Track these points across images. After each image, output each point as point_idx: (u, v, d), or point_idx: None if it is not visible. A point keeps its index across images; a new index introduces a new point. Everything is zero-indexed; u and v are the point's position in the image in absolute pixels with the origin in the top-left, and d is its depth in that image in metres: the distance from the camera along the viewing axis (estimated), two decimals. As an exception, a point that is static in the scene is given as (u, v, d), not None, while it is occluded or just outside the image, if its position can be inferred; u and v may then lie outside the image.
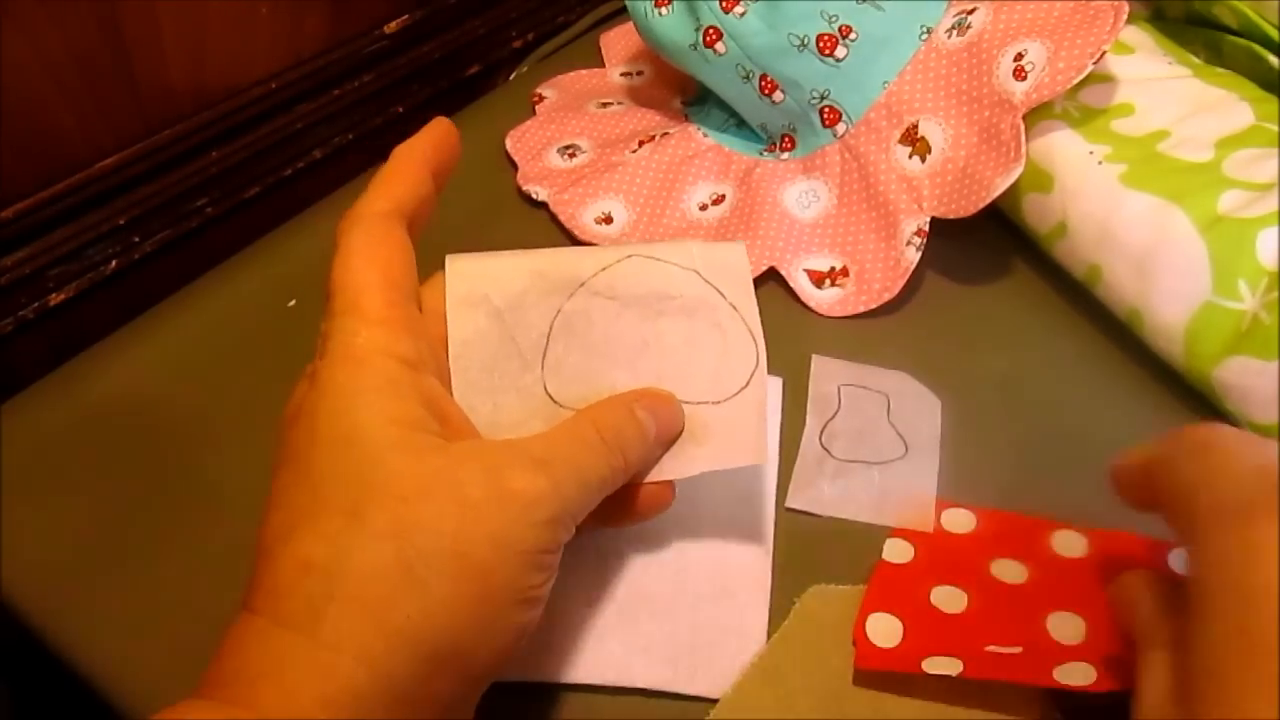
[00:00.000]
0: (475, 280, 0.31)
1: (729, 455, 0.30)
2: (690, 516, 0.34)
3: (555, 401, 0.30)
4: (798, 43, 0.42)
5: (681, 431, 0.30)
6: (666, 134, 0.48)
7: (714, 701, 0.30)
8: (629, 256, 0.32)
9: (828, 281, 0.42)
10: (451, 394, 0.29)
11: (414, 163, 0.30)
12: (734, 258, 0.32)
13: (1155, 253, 0.36)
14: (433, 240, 0.31)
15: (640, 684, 0.31)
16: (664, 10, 0.44)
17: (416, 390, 0.26)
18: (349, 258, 0.27)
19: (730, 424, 0.31)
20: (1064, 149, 0.40)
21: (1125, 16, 0.38)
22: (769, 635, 0.32)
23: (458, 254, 0.31)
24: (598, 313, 0.31)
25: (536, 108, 0.52)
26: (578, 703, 0.31)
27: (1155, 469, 0.26)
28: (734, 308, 0.32)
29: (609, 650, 0.31)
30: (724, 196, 0.45)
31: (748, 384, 0.31)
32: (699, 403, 0.31)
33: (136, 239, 0.49)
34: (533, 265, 0.31)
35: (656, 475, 0.30)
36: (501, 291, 0.31)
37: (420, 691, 0.24)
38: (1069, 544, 0.33)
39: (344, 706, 0.23)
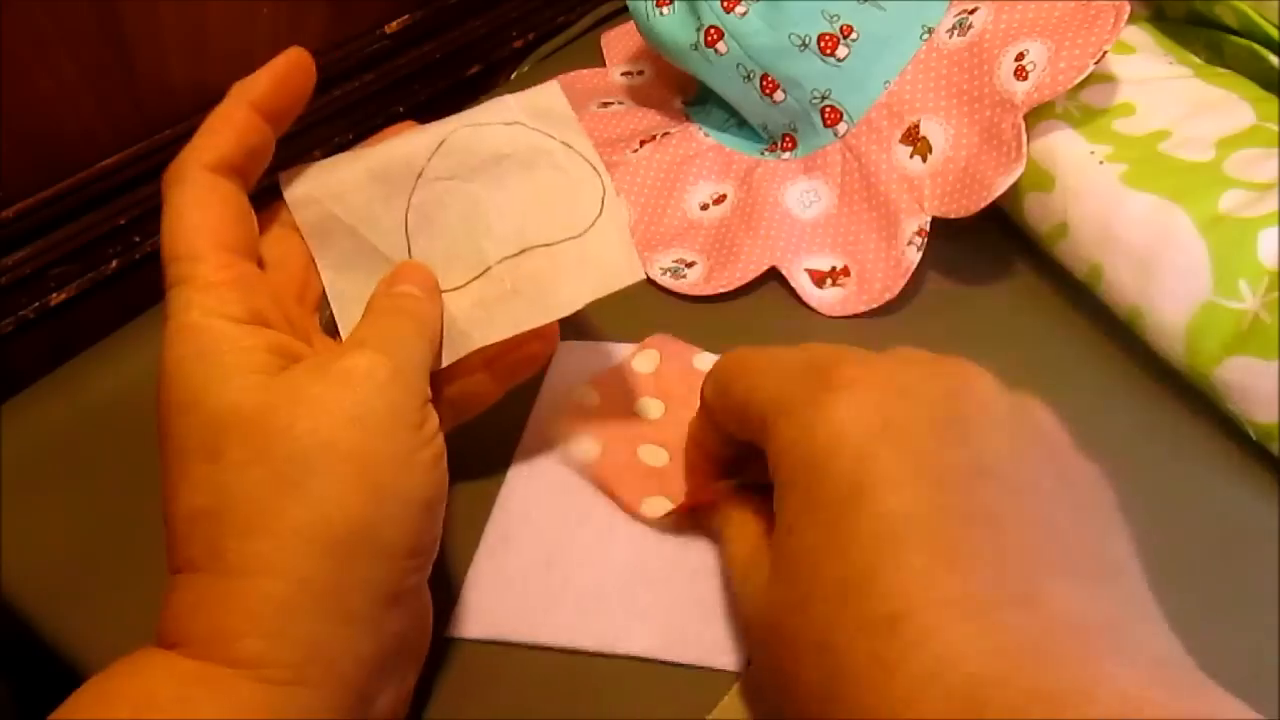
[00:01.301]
0: (318, 202, 0.32)
1: (607, 280, 0.31)
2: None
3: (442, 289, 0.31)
4: (799, 42, 0.42)
5: (433, 278, 0.31)
6: (667, 134, 0.48)
7: (707, 669, 0.31)
8: (453, 131, 0.32)
9: (829, 281, 0.42)
10: (308, 336, 0.30)
11: (242, 108, 0.29)
12: (552, 100, 0.33)
13: (1156, 252, 0.36)
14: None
15: (635, 651, 0.31)
16: (665, 10, 0.44)
17: (255, 341, 0.27)
18: (176, 221, 0.28)
19: (599, 251, 0.31)
20: (1065, 149, 0.40)
21: (1126, 16, 0.38)
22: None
23: (290, 173, 0.32)
24: (445, 195, 0.32)
25: (537, 107, 0.52)
26: (573, 667, 0.31)
27: (714, 410, 0.29)
28: (567, 145, 0.32)
29: (606, 617, 0.32)
30: (725, 196, 0.45)
31: (601, 211, 0.32)
32: (564, 240, 0.32)
33: (137, 239, 0.49)
34: (367, 168, 0.32)
35: (545, 315, 0.31)
36: (347, 207, 0.32)
37: (341, 583, 0.24)
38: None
39: (266, 617, 0.24)
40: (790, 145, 0.46)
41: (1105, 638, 0.21)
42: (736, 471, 0.32)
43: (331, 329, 0.32)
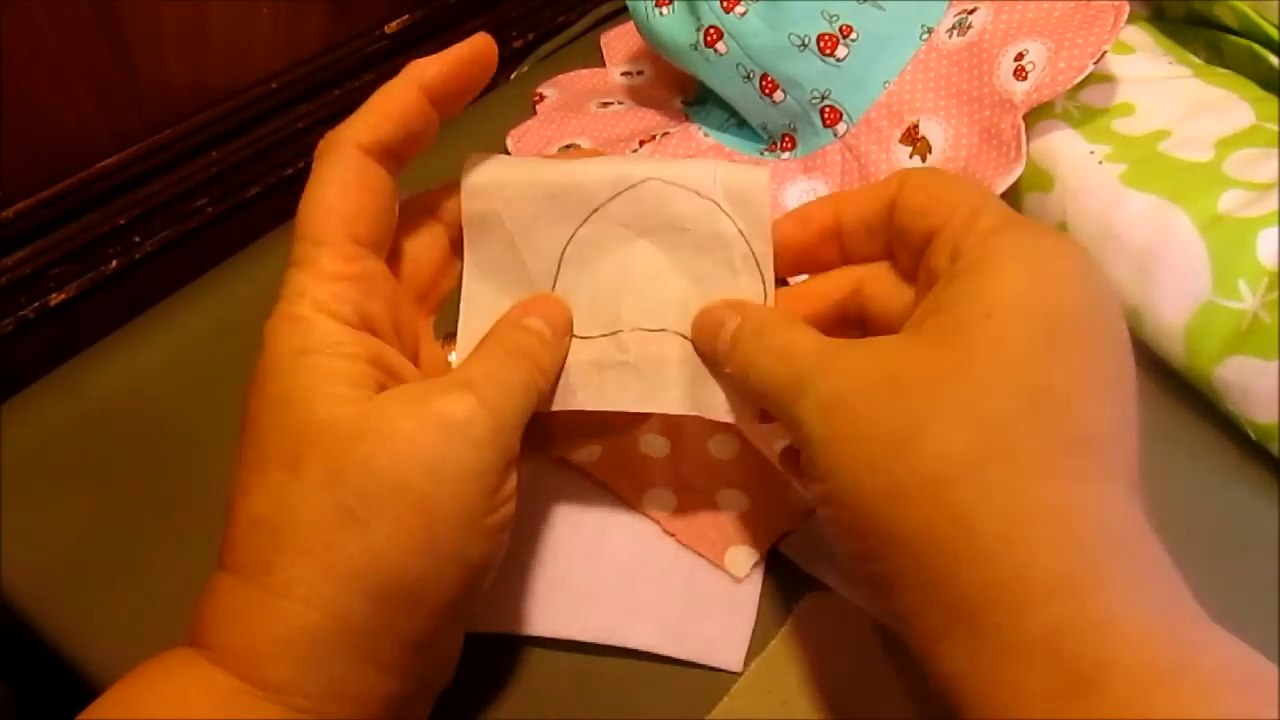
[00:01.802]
0: (490, 198, 0.30)
1: (710, 405, 0.29)
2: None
3: None
4: (798, 42, 0.42)
5: (569, 322, 0.30)
6: (667, 133, 0.48)
7: (701, 667, 0.31)
8: (644, 181, 0.30)
9: (828, 281, 0.42)
10: (416, 343, 0.30)
11: (411, 90, 0.28)
12: (755, 190, 0.30)
13: (1155, 252, 0.36)
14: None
15: (631, 644, 0.31)
16: (665, 10, 0.44)
17: (358, 350, 0.26)
18: (315, 197, 0.27)
19: (706, 373, 0.30)
20: (1064, 149, 0.40)
21: (1126, 16, 0.38)
22: (762, 626, 0.32)
23: (475, 158, 0.31)
24: (611, 240, 0.30)
25: (537, 107, 0.52)
26: (574, 666, 0.31)
27: (898, 208, 0.28)
28: (749, 249, 0.30)
29: (603, 610, 0.32)
30: (724, 196, 0.45)
31: None
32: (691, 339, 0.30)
33: (137, 239, 0.49)
34: (547, 184, 0.30)
35: (649, 403, 0.30)
36: (513, 213, 0.30)
37: (377, 628, 0.24)
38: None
39: (299, 645, 0.23)
40: (790, 145, 0.46)
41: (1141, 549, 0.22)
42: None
43: (449, 335, 0.31)
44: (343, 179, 0.27)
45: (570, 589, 0.32)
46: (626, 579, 0.33)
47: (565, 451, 0.35)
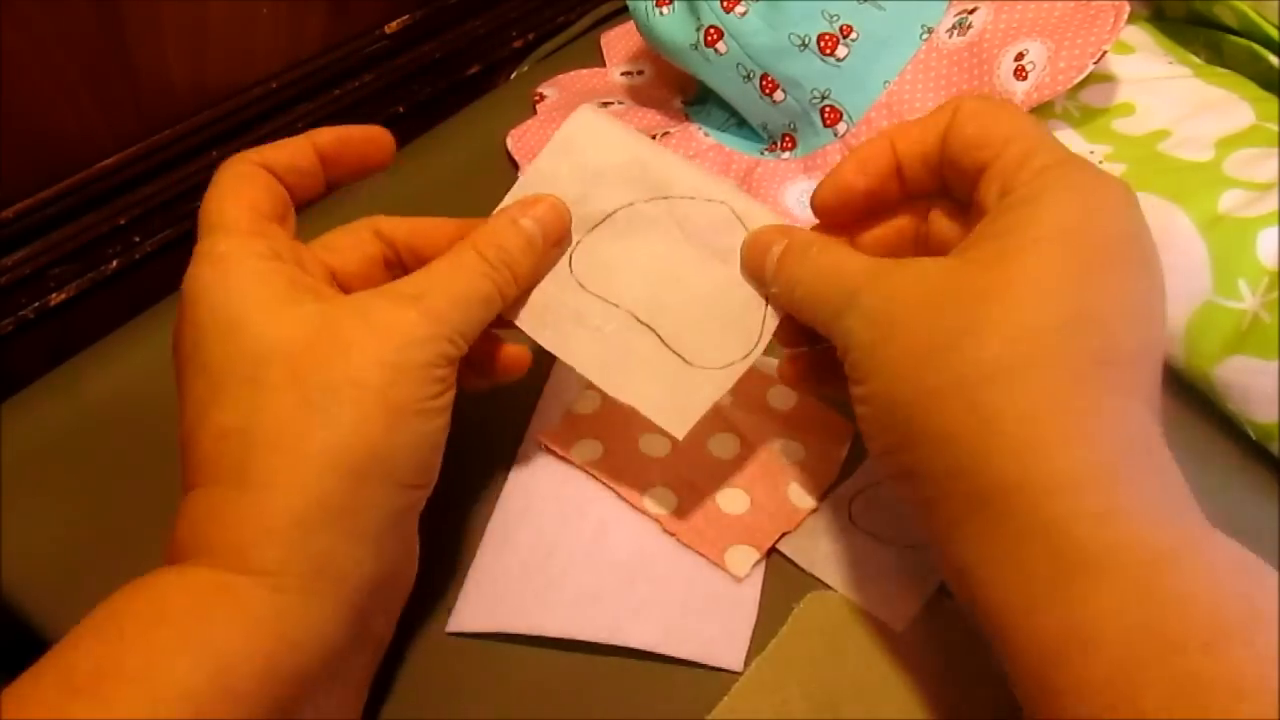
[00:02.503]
0: (587, 134, 0.33)
1: (663, 412, 0.31)
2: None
3: (571, 272, 0.32)
4: (799, 42, 0.42)
5: (566, 231, 0.32)
6: (667, 133, 0.48)
7: (702, 667, 0.31)
8: (720, 203, 0.32)
9: (828, 281, 0.42)
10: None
11: (304, 142, 0.32)
12: None
13: (1156, 252, 0.36)
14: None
15: (631, 644, 0.31)
16: (665, 10, 0.44)
17: (283, 274, 0.28)
18: (214, 194, 0.30)
19: (684, 388, 0.31)
20: (1065, 149, 0.40)
21: (1126, 16, 0.38)
22: (763, 627, 0.32)
23: (594, 108, 0.33)
24: (660, 228, 0.32)
25: (537, 107, 0.52)
26: (574, 666, 0.31)
27: (950, 140, 0.28)
28: (767, 310, 0.32)
29: (606, 610, 0.32)
30: (724, 196, 0.45)
31: (722, 368, 0.31)
32: (674, 351, 0.31)
33: (137, 239, 0.49)
34: (639, 152, 0.33)
35: (603, 381, 0.31)
36: (600, 156, 0.32)
37: (355, 503, 0.26)
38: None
39: (284, 529, 0.25)
40: (790, 145, 0.46)
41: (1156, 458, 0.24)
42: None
43: None
44: (238, 176, 0.30)
45: (571, 588, 0.32)
46: (627, 579, 0.33)
47: (566, 450, 0.35)
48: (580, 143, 0.33)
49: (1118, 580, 0.21)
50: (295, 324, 0.27)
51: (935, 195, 0.30)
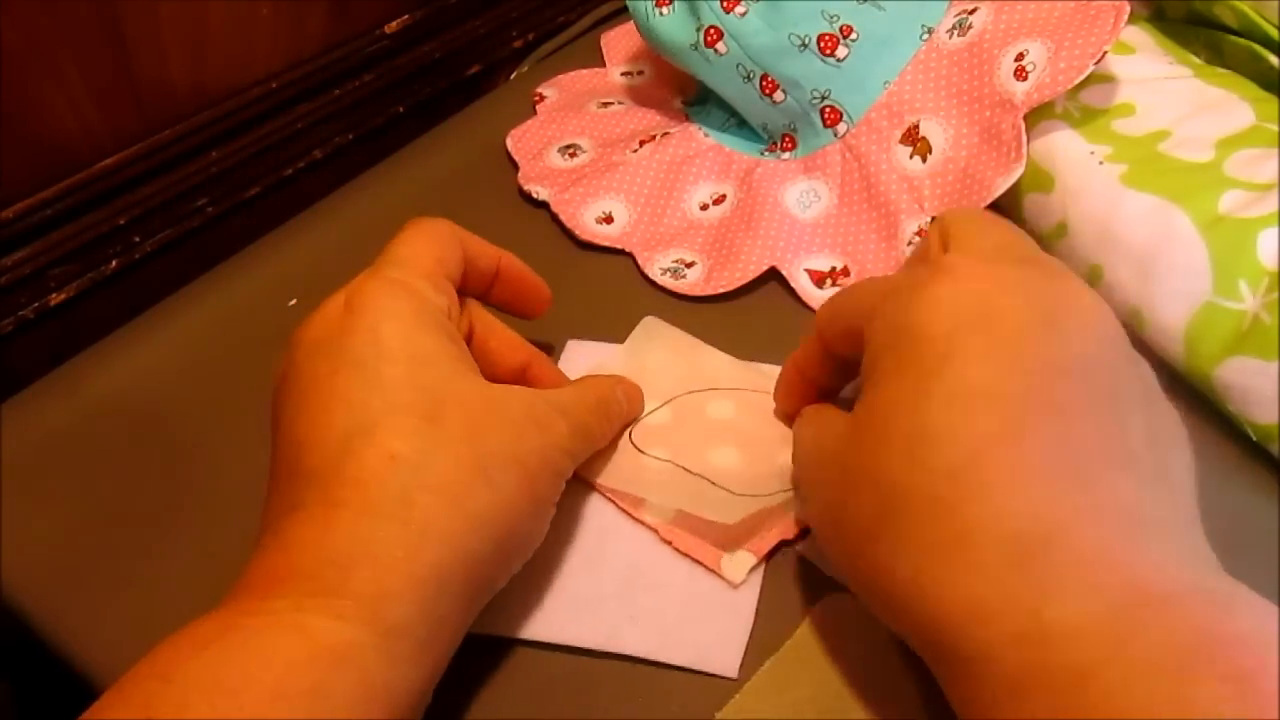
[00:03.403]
0: (649, 342, 0.40)
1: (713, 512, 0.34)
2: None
3: (631, 442, 0.36)
4: (799, 43, 0.42)
5: (635, 417, 0.36)
6: (667, 134, 0.48)
7: (696, 673, 0.31)
8: (753, 392, 0.38)
9: (829, 281, 0.42)
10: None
11: (497, 251, 0.35)
12: None
13: (1156, 253, 0.36)
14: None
15: (629, 651, 0.31)
16: (665, 10, 0.44)
17: (456, 334, 0.30)
18: (407, 238, 0.31)
19: (728, 509, 0.34)
20: (1065, 149, 0.40)
21: (1126, 17, 0.38)
22: (762, 632, 0.32)
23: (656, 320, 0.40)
24: (707, 409, 0.37)
25: (537, 107, 0.52)
26: (575, 667, 0.31)
27: (826, 326, 0.31)
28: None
29: (601, 617, 0.32)
30: (725, 196, 0.45)
31: (768, 495, 0.34)
32: (722, 487, 0.35)
33: (137, 239, 0.49)
34: (693, 356, 0.39)
35: (658, 498, 0.34)
36: (655, 359, 0.39)
37: (487, 574, 0.28)
38: None
39: (429, 583, 0.25)
40: (790, 145, 0.46)
41: (1154, 530, 0.23)
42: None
43: None
44: (435, 230, 0.32)
45: (569, 596, 0.32)
46: (624, 586, 0.32)
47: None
48: (639, 345, 0.39)
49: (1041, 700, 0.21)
50: (475, 385, 0.29)
51: None
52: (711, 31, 0.43)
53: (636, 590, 0.32)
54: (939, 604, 0.23)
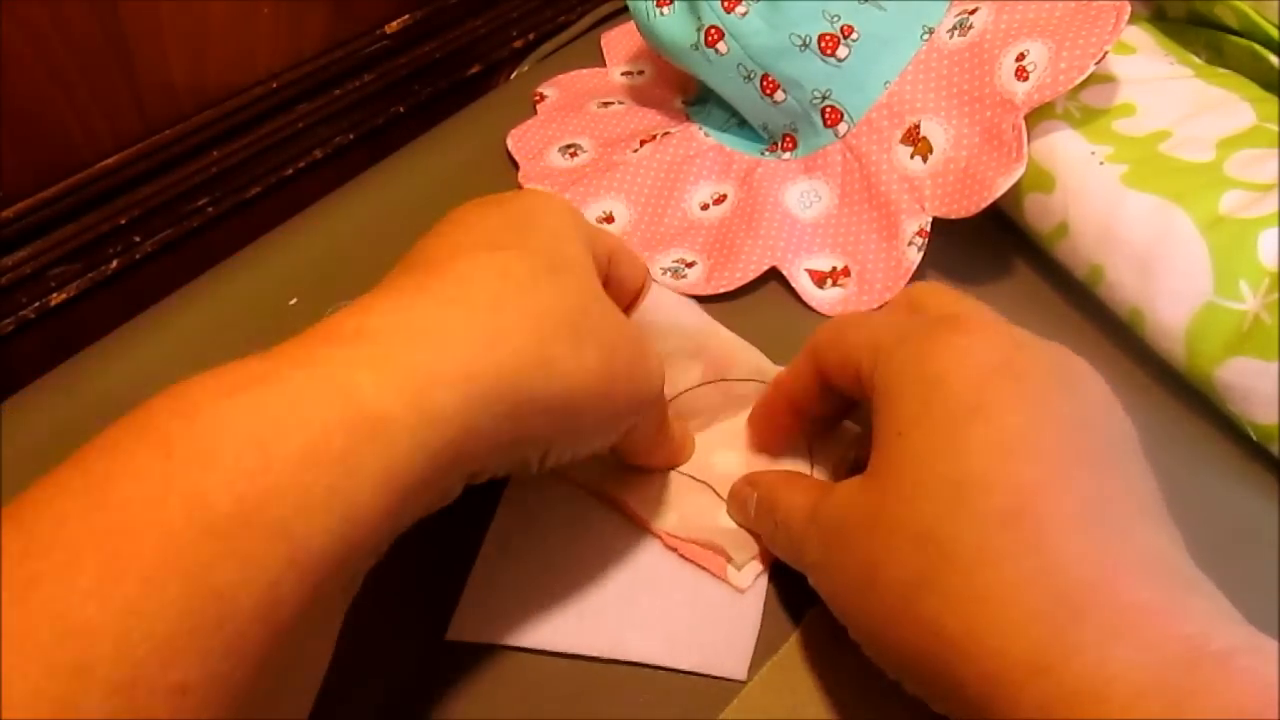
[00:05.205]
0: (653, 305, 0.36)
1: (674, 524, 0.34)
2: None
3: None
4: (799, 43, 0.42)
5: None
6: (668, 133, 0.48)
7: (703, 677, 0.31)
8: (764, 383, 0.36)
9: (829, 281, 0.42)
10: None
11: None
12: None
13: (1156, 253, 0.36)
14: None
15: (633, 657, 0.31)
16: (665, 10, 0.44)
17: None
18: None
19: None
20: (1065, 149, 0.40)
21: (1127, 17, 0.38)
22: (767, 637, 0.32)
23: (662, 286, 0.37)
24: (715, 405, 0.37)
25: (538, 107, 0.52)
26: (576, 670, 0.31)
27: (822, 353, 0.31)
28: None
29: (606, 623, 0.32)
30: (725, 196, 0.45)
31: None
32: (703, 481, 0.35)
33: (137, 238, 0.49)
34: (704, 334, 0.37)
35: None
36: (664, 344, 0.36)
37: (531, 422, 0.26)
38: None
39: (481, 382, 0.24)
40: (791, 145, 0.46)
41: (1183, 581, 0.23)
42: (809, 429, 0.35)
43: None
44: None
45: (573, 604, 0.32)
46: (629, 593, 0.32)
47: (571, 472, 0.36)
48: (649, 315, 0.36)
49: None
50: (601, 291, 0.29)
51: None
52: (712, 31, 0.43)
53: (641, 597, 0.32)
54: (999, 657, 0.22)
